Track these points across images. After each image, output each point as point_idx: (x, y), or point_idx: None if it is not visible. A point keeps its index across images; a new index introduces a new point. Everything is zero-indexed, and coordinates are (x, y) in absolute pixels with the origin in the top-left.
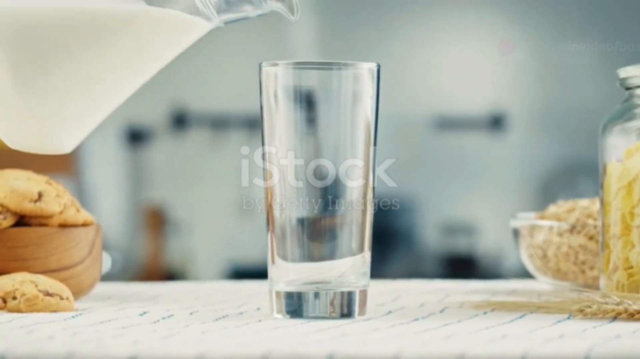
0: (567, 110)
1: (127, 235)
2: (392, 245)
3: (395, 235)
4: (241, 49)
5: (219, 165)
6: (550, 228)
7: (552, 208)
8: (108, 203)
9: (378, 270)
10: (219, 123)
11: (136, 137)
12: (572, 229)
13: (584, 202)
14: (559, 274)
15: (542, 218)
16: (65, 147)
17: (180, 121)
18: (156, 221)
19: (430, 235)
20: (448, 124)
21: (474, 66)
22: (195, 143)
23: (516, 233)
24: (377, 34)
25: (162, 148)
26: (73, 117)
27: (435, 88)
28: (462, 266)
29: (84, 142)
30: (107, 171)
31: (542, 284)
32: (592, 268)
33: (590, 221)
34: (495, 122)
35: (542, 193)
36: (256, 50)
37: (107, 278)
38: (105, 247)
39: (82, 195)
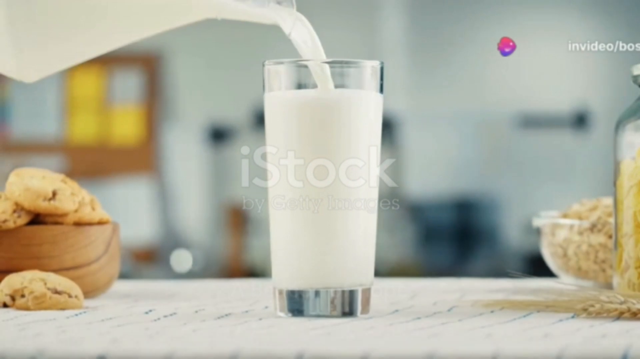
0: None
1: (209, 234)
2: (476, 244)
3: (479, 233)
4: (326, 48)
5: None
6: (571, 226)
7: (575, 207)
8: (190, 201)
9: (461, 268)
10: None
11: (219, 135)
12: (593, 228)
13: (606, 201)
14: (580, 273)
15: (564, 216)
16: (27, 77)
17: (262, 119)
18: (238, 219)
19: (514, 233)
20: (532, 122)
21: (558, 64)
22: None
23: (539, 231)
24: (463, 33)
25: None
26: (49, 52)
27: (519, 87)
28: (545, 264)
29: (167, 141)
30: (189, 170)
31: (566, 283)
32: (612, 266)
33: (611, 220)
34: (579, 120)
35: None
36: (341, 49)
37: (188, 276)
38: (187, 245)
39: (164, 194)
